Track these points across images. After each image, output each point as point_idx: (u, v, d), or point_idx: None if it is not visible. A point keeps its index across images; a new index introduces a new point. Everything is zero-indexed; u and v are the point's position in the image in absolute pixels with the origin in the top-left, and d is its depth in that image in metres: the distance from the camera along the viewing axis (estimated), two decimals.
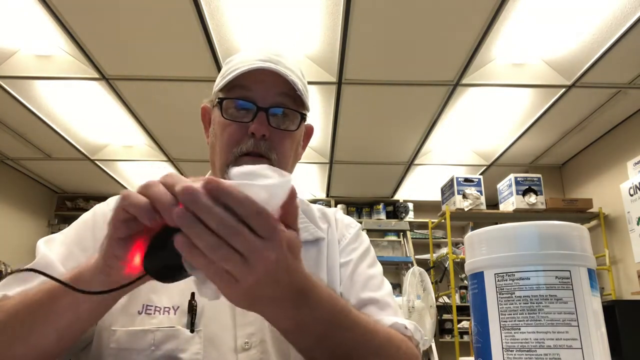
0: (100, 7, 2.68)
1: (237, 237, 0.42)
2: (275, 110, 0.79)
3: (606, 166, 4.33)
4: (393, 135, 4.32)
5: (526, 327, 0.47)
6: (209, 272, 0.44)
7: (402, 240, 5.59)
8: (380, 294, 0.83)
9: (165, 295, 0.75)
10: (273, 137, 0.79)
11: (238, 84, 0.79)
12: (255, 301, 0.49)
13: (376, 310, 0.80)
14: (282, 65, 0.80)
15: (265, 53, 0.81)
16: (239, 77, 0.78)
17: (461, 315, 4.90)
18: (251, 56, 0.81)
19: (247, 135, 0.78)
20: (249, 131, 0.78)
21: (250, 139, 0.78)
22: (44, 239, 0.78)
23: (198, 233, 0.41)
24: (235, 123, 0.79)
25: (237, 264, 0.43)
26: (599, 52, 3.01)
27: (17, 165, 5.08)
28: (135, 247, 0.47)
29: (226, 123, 0.80)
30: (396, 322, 0.76)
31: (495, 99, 3.64)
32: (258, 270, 0.44)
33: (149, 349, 0.70)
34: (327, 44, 3.00)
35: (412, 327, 0.77)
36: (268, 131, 0.78)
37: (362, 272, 0.86)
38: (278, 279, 0.47)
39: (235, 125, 0.79)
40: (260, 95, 0.79)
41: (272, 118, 0.79)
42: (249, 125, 0.78)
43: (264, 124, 0.78)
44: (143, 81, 3.42)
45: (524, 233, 0.50)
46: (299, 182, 5.67)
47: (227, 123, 0.80)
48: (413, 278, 3.49)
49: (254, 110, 0.79)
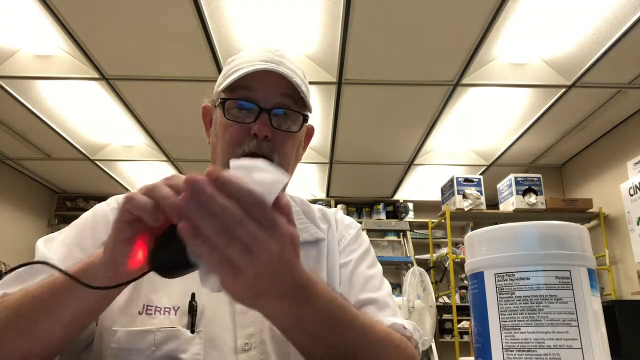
0: (100, 7, 2.68)
1: (240, 226, 0.43)
2: (277, 111, 0.79)
3: (606, 166, 4.33)
4: (393, 135, 4.32)
5: (526, 327, 0.47)
6: (212, 261, 0.44)
7: (402, 240, 5.59)
8: (380, 295, 0.84)
9: (165, 295, 0.75)
10: (275, 138, 0.79)
11: (241, 84, 0.79)
12: (256, 296, 0.50)
13: (375, 311, 0.80)
14: (284, 66, 0.80)
15: (268, 53, 0.81)
16: (242, 78, 0.78)
17: (461, 315, 4.90)
18: (253, 56, 0.81)
19: (250, 136, 0.78)
20: (252, 132, 0.78)
21: (252, 140, 0.78)
22: (43, 239, 0.78)
23: (202, 218, 0.42)
24: (237, 123, 0.79)
25: (240, 252, 0.43)
26: (599, 52, 3.01)
27: (17, 165, 5.08)
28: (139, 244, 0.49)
29: (228, 123, 0.80)
30: (395, 323, 0.76)
31: (495, 99, 3.64)
32: (260, 260, 0.44)
33: (149, 350, 0.70)
34: (327, 44, 3.00)
35: (411, 327, 0.77)
36: (270, 132, 0.78)
37: (361, 272, 0.87)
38: (279, 272, 0.48)
39: (238, 126, 0.79)
40: (262, 96, 0.79)
41: (275, 119, 0.79)
42: (251, 126, 0.78)
43: (266, 125, 0.78)
44: (143, 81, 3.42)
45: (524, 233, 0.50)
46: (299, 182, 5.69)
47: (229, 123, 0.80)
48: (413, 278, 3.49)
49: (257, 111, 0.78)
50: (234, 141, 0.79)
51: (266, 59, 0.79)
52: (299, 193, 0.98)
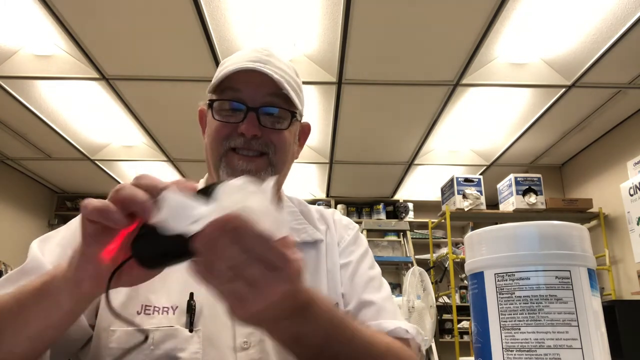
0: (100, 7, 2.68)
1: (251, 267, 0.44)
2: (265, 110, 0.81)
3: (606, 166, 4.33)
4: (393, 135, 4.32)
5: (526, 327, 0.47)
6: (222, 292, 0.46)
7: (402, 240, 5.59)
8: (380, 297, 0.85)
9: (164, 295, 0.75)
10: (265, 136, 0.80)
11: (228, 85, 0.80)
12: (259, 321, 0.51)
13: (376, 313, 0.81)
14: (271, 65, 0.81)
15: (256, 53, 0.82)
16: (229, 79, 0.79)
17: (461, 315, 4.90)
18: (242, 57, 0.82)
19: (237, 133, 0.80)
20: (239, 131, 0.79)
21: (239, 138, 0.80)
22: (39, 239, 0.78)
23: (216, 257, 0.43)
24: (226, 124, 0.81)
25: (250, 290, 0.45)
26: (599, 52, 3.01)
27: (17, 165, 5.08)
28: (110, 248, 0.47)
29: (218, 124, 0.81)
30: (398, 327, 0.77)
31: (495, 99, 3.64)
32: (269, 297, 0.46)
33: (147, 349, 0.70)
34: (327, 44, 3.00)
35: (413, 331, 0.78)
36: (260, 131, 0.79)
37: (362, 273, 0.88)
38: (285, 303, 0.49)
39: (226, 125, 0.81)
40: (250, 95, 0.80)
41: (263, 117, 0.80)
42: (240, 125, 0.80)
43: (253, 124, 0.79)
44: (143, 81, 3.42)
45: (524, 233, 0.50)
46: (299, 182, 5.69)
47: (219, 124, 0.81)
48: (413, 278, 3.49)
49: (245, 110, 0.80)
50: (220, 137, 0.80)
51: (254, 59, 0.80)
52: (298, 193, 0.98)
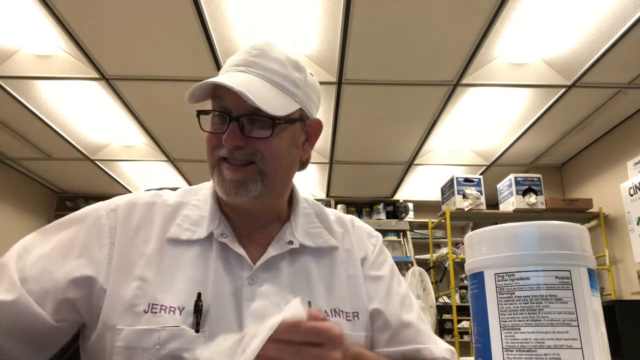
0: (100, 7, 2.68)
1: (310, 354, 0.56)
2: (248, 118, 0.78)
3: (606, 166, 4.33)
4: (393, 135, 4.31)
5: (526, 327, 0.47)
6: None
7: (402, 240, 5.59)
8: (415, 316, 0.88)
9: (171, 295, 0.75)
10: (251, 145, 0.78)
11: (216, 93, 0.79)
12: None
13: (415, 335, 0.85)
14: (256, 67, 0.79)
15: (245, 55, 0.80)
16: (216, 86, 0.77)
17: (461, 315, 4.90)
18: (233, 60, 0.81)
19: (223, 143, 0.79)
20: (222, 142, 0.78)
21: (225, 147, 0.78)
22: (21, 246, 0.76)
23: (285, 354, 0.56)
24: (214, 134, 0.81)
25: None
26: (599, 52, 3.01)
27: (17, 165, 5.08)
28: None
29: (208, 134, 0.82)
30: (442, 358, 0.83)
31: (495, 99, 3.64)
32: None
33: (153, 348, 0.70)
34: (327, 44, 3.00)
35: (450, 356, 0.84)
36: (242, 141, 0.78)
37: (396, 291, 0.90)
38: None
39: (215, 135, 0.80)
40: (234, 104, 0.78)
41: (247, 126, 0.78)
42: None
43: (234, 135, 0.77)
44: (143, 81, 3.42)
45: (524, 233, 0.50)
46: (298, 182, 5.65)
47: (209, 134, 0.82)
48: (413, 278, 3.49)
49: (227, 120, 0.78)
50: (210, 147, 0.82)
51: (240, 63, 0.79)
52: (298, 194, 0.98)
